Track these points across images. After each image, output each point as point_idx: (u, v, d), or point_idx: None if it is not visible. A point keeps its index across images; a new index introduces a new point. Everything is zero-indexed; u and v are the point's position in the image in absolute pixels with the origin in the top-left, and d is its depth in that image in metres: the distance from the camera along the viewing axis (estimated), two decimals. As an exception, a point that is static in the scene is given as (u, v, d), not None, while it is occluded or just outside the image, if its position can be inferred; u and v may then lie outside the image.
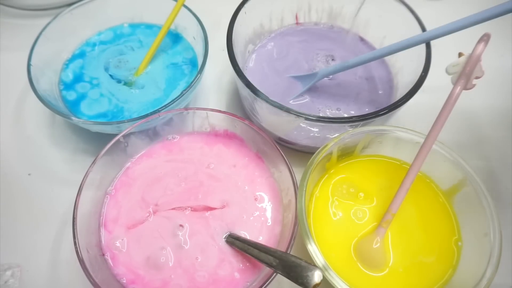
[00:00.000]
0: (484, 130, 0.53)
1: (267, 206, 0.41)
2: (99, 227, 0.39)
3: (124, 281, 0.36)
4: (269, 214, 0.40)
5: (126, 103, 0.49)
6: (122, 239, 0.39)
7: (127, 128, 0.41)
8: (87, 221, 0.38)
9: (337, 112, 0.48)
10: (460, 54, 0.35)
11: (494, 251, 0.34)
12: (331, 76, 0.50)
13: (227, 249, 0.38)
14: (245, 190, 0.41)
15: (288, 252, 0.34)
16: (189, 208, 0.40)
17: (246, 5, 0.49)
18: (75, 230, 0.35)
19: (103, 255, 0.38)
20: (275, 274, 0.33)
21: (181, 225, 0.39)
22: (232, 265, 0.37)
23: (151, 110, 0.43)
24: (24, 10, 0.63)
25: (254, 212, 0.40)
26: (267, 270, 0.35)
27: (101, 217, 0.40)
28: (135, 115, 0.47)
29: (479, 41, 0.33)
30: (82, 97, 0.50)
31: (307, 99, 0.49)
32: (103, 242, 0.39)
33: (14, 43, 0.61)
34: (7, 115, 0.54)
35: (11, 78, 0.57)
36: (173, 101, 0.44)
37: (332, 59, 0.52)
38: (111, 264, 0.37)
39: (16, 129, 0.53)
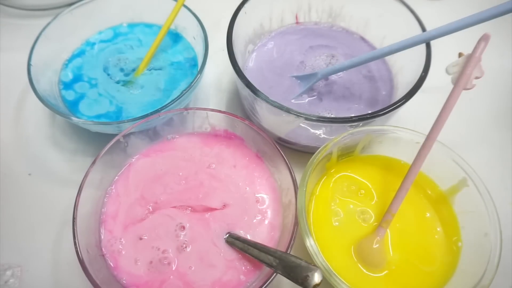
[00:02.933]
0: (484, 130, 0.53)
1: (268, 207, 0.41)
2: (99, 227, 0.39)
3: (124, 281, 0.36)
4: (269, 215, 0.40)
5: (125, 103, 0.49)
6: (123, 239, 0.39)
7: (127, 128, 0.41)
8: (87, 221, 0.38)
9: (337, 112, 0.48)
10: (460, 54, 0.35)
11: (494, 251, 0.34)
12: (331, 76, 0.50)
13: (230, 253, 0.38)
14: (246, 191, 0.41)
15: (288, 252, 0.34)
16: (189, 208, 0.40)
17: (246, 5, 0.49)
18: (75, 230, 0.35)
19: (103, 255, 0.38)
20: (275, 274, 0.33)
21: (182, 226, 0.39)
22: (236, 269, 0.37)
23: (151, 111, 0.43)
24: (24, 10, 0.63)
25: (256, 213, 0.40)
26: (267, 270, 0.35)
27: (101, 217, 0.40)
28: (134, 116, 0.47)
29: (479, 41, 0.33)
30: (81, 97, 0.50)
31: (307, 99, 0.49)
32: (103, 242, 0.39)
33: (14, 43, 0.61)
34: (7, 115, 0.54)
35: (11, 78, 0.57)
36: (173, 101, 0.44)
37: (332, 59, 0.52)
38: (111, 264, 0.37)
39: (16, 129, 0.53)
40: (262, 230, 0.39)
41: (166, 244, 0.38)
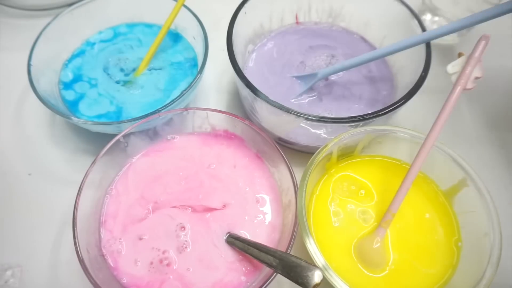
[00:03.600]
0: (483, 130, 0.53)
1: (268, 207, 0.41)
2: (99, 227, 0.39)
3: (125, 281, 0.36)
4: (269, 215, 0.40)
5: (125, 103, 0.49)
6: (122, 239, 0.39)
7: (127, 128, 0.41)
8: (87, 221, 0.38)
9: (337, 112, 0.48)
10: (460, 54, 0.35)
11: (494, 251, 0.34)
12: (331, 76, 0.50)
13: (230, 254, 0.38)
14: (246, 191, 0.41)
15: (288, 252, 0.34)
16: (190, 208, 0.40)
17: (246, 5, 0.49)
18: (75, 230, 0.35)
19: (103, 255, 0.38)
20: (275, 274, 0.33)
21: (183, 227, 0.39)
22: (237, 270, 0.37)
23: (151, 111, 0.43)
24: (24, 10, 0.63)
25: (256, 213, 0.40)
26: (267, 270, 0.35)
27: (101, 217, 0.40)
28: (134, 116, 0.47)
29: (478, 41, 0.33)
30: (81, 97, 0.50)
31: (307, 99, 0.49)
32: (103, 242, 0.39)
33: (14, 43, 0.61)
34: (7, 115, 0.54)
35: (11, 78, 0.57)
36: (173, 101, 0.44)
37: (332, 59, 0.52)
38: (111, 264, 0.37)
39: (16, 129, 0.53)
40: (263, 230, 0.39)
41: (166, 245, 0.38)
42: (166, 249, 0.38)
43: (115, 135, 0.41)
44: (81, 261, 0.34)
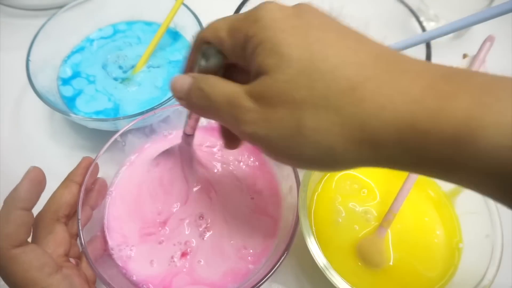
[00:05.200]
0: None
1: (270, 203, 0.40)
2: (102, 228, 0.39)
3: (134, 279, 0.36)
4: (271, 211, 0.40)
5: (123, 100, 0.49)
6: (126, 238, 0.38)
7: (123, 127, 0.40)
8: (91, 221, 0.37)
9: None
10: (464, 56, 0.35)
11: (495, 252, 0.34)
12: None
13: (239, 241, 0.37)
14: (248, 187, 0.41)
15: (287, 252, 0.34)
16: (193, 200, 0.39)
17: (246, 5, 0.49)
18: (79, 231, 0.34)
19: (111, 255, 0.37)
20: (282, 259, 0.32)
21: (186, 222, 0.38)
22: (244, 260, 0.37)
23: (148, 108, 0.43)
24: (24, 10, 0.63)
25: (257, 209, 0.39)
26: (272, 257, 0.34)
27: (104, 219, 0.39)
28: (131, 113, 0.47)
29: (483, 43, 0.33)
30: (79, 93, 0.50)
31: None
32: (109, 243, 0.38)
33: (14, 43, 0.61)
34: (6, 114, 0.53)
35: (11, 77, 0.56)
36: (169, 98, 0.44)
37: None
38: (120, 264, 0.37)
39: (16, 127, 0.52)
40: (263, 226, 0.38)
41: (175, 240, 0.38)
42: (179, 241, 0.37)
43: (112, 131, 0.41)
44: (88, 259, 0.33)
